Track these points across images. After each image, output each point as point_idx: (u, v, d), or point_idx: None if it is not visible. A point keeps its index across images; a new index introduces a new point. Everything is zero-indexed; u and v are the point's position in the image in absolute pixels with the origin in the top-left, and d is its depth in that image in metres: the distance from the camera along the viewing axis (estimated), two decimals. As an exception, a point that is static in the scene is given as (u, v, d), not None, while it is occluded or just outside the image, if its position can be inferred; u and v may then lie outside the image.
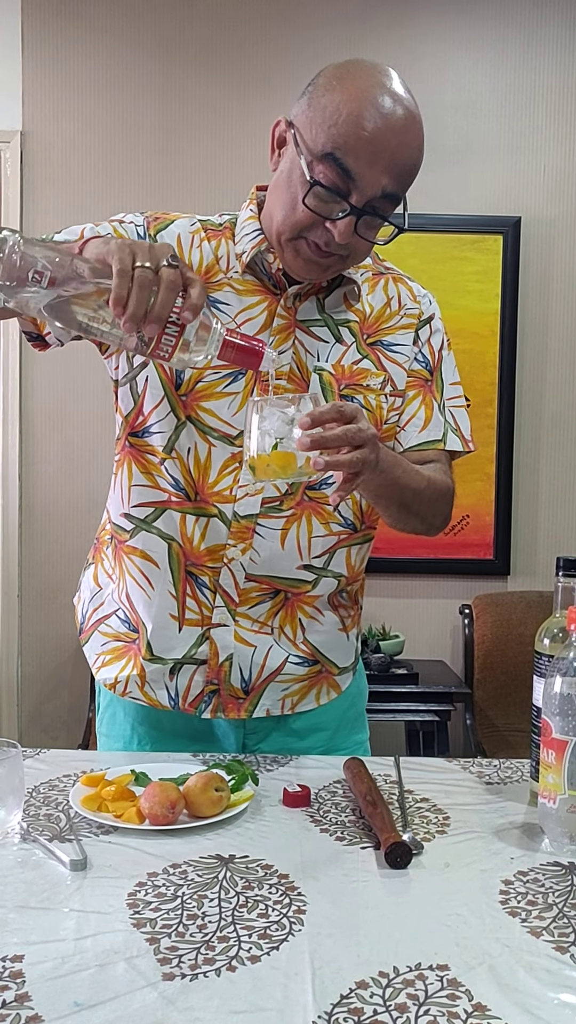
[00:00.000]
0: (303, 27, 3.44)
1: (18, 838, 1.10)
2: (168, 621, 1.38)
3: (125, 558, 1.41)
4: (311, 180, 1.21)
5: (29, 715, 3.59)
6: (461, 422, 1.47)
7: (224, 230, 1.38)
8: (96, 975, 0.82)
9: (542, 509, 3.58)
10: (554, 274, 3.54)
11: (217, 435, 1.33)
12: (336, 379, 1.36)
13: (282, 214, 1.26)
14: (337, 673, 1.46)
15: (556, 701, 1.08)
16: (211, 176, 3.43)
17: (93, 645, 1.49)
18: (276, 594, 1.38)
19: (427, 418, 1.43)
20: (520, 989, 0.82)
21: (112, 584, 1.46)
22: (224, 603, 1.37)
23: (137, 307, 1.03)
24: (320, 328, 1.36)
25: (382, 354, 1.40)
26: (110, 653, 1.45)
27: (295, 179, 1.24)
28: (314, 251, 1.26)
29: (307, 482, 1.34)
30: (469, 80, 3.50)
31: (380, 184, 1.21)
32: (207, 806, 1.14)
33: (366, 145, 1.19)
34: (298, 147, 1.23)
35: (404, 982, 0.82)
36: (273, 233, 1.29)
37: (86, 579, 1.53)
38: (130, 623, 1.42)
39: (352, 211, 1.21)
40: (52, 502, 3.53)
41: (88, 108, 3.49)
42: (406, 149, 1.22)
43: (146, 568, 1.39)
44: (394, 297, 1.43)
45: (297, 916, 0.93)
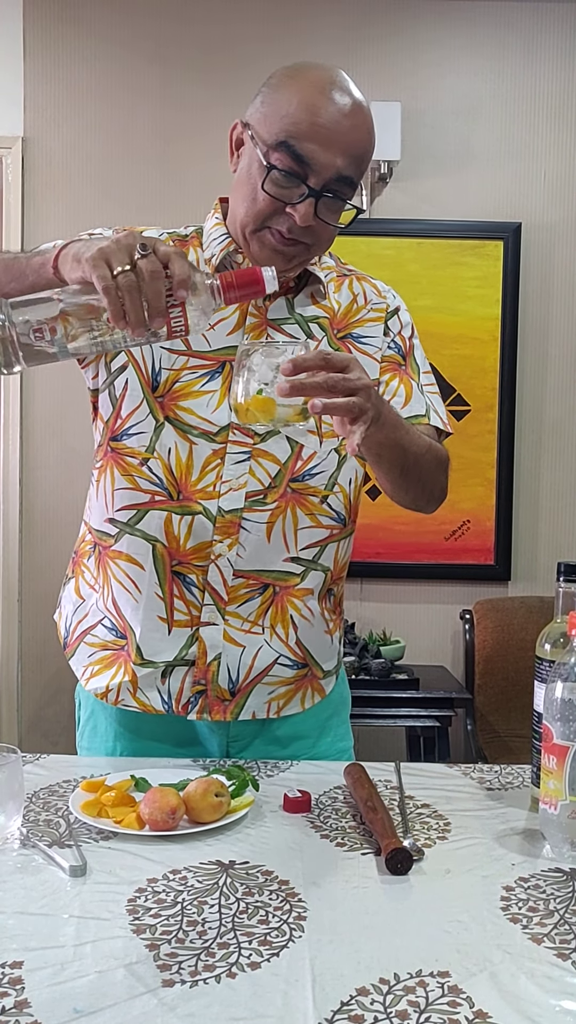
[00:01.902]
0: (303, 34, 3.44)
1: (18, 844, 1.10)
2: (157, 623, 1.38)
3: (110, 563, 1.41)
4: (268, 165, 1.26)
5: (29, 720, 3.58)
6: (437, 406, 1.48)
7: (191, 239, 1.42)
8: (96, 981, 0.82)
9: (543, 514, 3.58)
10: (554, 280, 3.54)
11: (197, 433, 1.34)
12: None
13: (244, 207, 1.31)
14: (322, 676, 1.47)
15: (557, 706, 1.07)
16: (211, 182, 3.43)
17: (80, 658, 1.48)
18: (265, 589, 1.38)
19: (408, 395, 1.44)
20: (521, 996, 0.81)
21: (95, 594, 1.45)
22: (213, 601, 1.36)
23: (136, 313, 1.03)
24: (291, 326, 1.39)
25: (352, 346, 1.42)
26: (98, 663, 1.45)
27: (254, 172, 1.29)
28: (278, 240, 1.30)
29: (289, 442, 1.34)
30: (469, 86, 3.50)
31: (335, 166, 1.26)
32: (207, 812, 1.14)
33: (318, 130, 1.25)
34: (254, 140, 1.29)
35: (405, 989, 0.82)
36: (238, 228, 1.33)
37: (67, 594, 1.53)
38: (117, 630, 1.42)
39: (311, 193, 1.26)
40: (52, 508, 3.53)
41: (89, 114, 3.49)
42: (356, 132, 1.27)
43: (132, 571, 1.38)
44: (360, 294, 1.46)
45: (297, 922, 0.93)
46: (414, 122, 3.45)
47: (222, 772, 1.26)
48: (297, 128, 1.25)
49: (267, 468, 1.36)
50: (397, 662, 3.29)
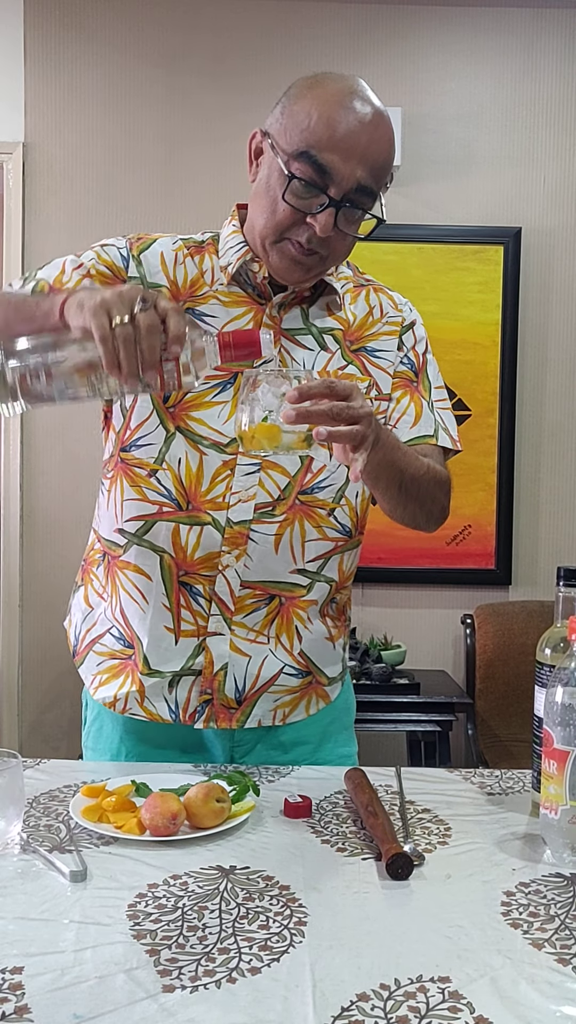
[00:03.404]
0: (306, 39, 3.45)
1: (18, 849, 1.10)
2: (163, 633, 1.38)
3: (119, 573, 1.42)
4: (289, 175, 1.26)
5: (30, 725, 3.58)
6: (448, 423, 1.49)
7: (207, 246, 1.42)
8: (96, 987, 0.82)
9: (543, 519, 3.58)
10: (554, 284, 3.55)
11: (208, 443, 1.34)
12: None
13: (264, 218, 1.31)
14: (327, 683, 1.47)
15: (557, 711, 1.07)
16: (214, 187, 3.44)
17: (88, 666, 1.48)
18: (271, 600, 1.38)
19: (417, 414, 1.45)
20: (522, 1002, 0.81)
21: (104, 603, 1.46)
22: (220, 611, 1.37)
23: (130, 364, 1.05)
24: (305, 336, 1.39)
25: (366, 360, 1.42)
26: (107, 672, 1.45)
27: (273, 182, 1.29)
28: (297, 251, 1.30)
29: (299, 457, 1.34)
30: (470, 92, 3.51)
31: (355, 177, 1.26)
32: (208, 817, 1.14)
33: (339, 141, 1.25)
34: (275, 151, 1.29)
35: (405, 994, 0.82)
36: (257, 239, 1.33)
37: (76, 602, 1.53)
38: (125, 639, 1.42)
39: (331, 203, 1.26)
40: (54, 513, 3.53)
41: (90, 119, 3.50)
42: (377, 144, 1.27)
43: (139, 582, 1.39)
44: (376, 306, 1.46)
45: (298, 928, 0.93)
46: (415, 127, 3.46)
47: (223, 777, 1.25)
48: (317, 138, 1.25)
49: (276, 480, 1.36)
50: (398, 667, 3.28)
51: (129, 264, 1.37)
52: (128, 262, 1.38)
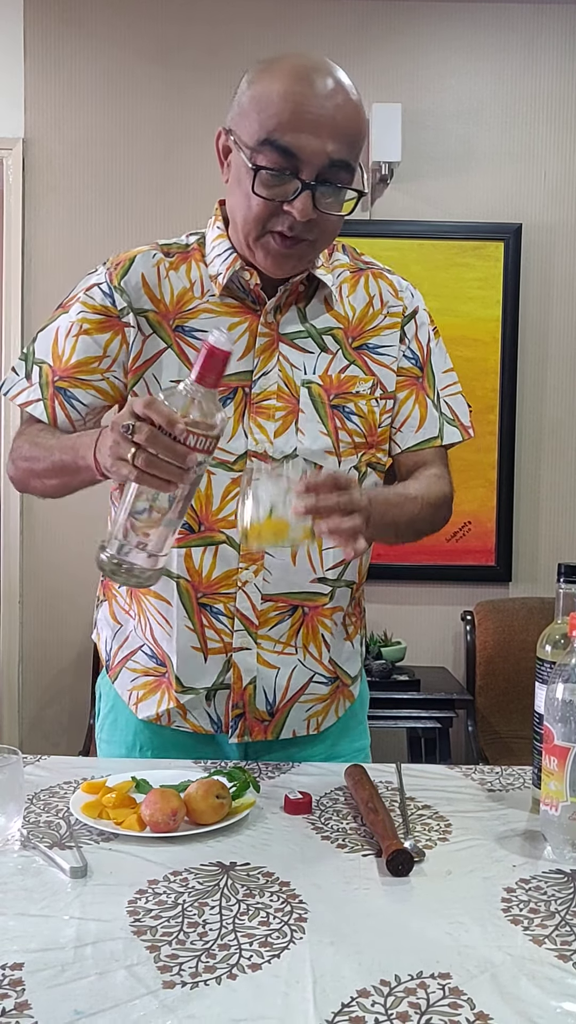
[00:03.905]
0: (305, 36, 3.44)
1: (18, 845, 1.10)
2: (192, 653, 1.37)
3: (141, 597, 1.40)
4: (254, 167, 1.21)
5: (30, 721, 3.58)
6: (458, 409, 1.47)
7: (193, 252, 1.37)
8: (96, 983, 0.82)
9: (543, 515, 3.58)
10: (555, 280, 3.54)
11: (215, 463, 1.32)
12: (325, 390, 1.35)
13: (241, 215, 1.27)
14: (350, 683, 1.47)
15: (558, 708, 1.07)
16: (213, 183, 3.43)
17: (123, 682, 1.46)
18: (294, 611, 1.37)
19: (422, 416, 1.43)
20: (522, 998, 0.81)
21: (132, 620, 1.44)
22: (244, 626, 1.36)
23: (170, 472, 1.05)
24: (304, 339, 1.36)
25: (368, 358, 1.39)
26: (143, 688, 1.43)
27: (243, 176, 1.25)
28: (281, 243, 1.26)
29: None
30: (470, 88, 3.50)
31: (326, 152, 1.20)
32: (208, 813, 1.14)
33: (300, 117, 1.19)
34: (237, 145, 1.25)
35: (406, 991, 0.82)
36: (240, 238, 1.30)
37: (102, 616, 1.51)
38: (156, 658, 1.41)
39: (304, 186, 1.21)
40: (54, 509, 3.51)
41: (90, 115, 3.49)
42: (343, 111, 1.21)
43: (160, 607, 1.38)
44: (375, 295, 1.41)
45: (298, 924, 0.93)
46: (415, 124, 3.46)
47: (223, 773, 1.25)
48: (278, 121, 1.20)
49: None
50: (398, 663, 3.28)
51: (114, 298, 1.34)
52: (112, 297, 1.34)
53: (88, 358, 1.35)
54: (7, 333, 3.48)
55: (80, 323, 1.34)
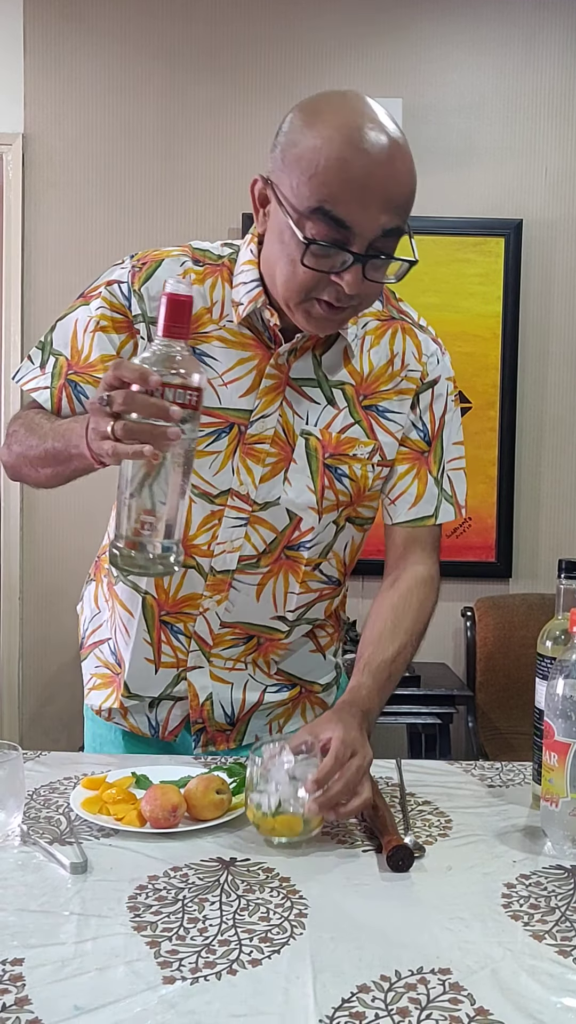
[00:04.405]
0: (306, 31, 3.44)
1: (18, 841, 1.10)
2: (144, 664, 1.38)
3: (114, 601, 1.43)
4: (305, 241, 1.12)
5: (30, 717, 3.58)
6: (457, 487, 1.42)
7: (222, 268, 1.30)
8: (96, 978, 0.82)
9: (544, 511, 3.58)
10: (555, 276, 3.54)
11: (198, 492, 1.30)
12: (323, 445, 1.31)
13: (283, 278, 1.18)
14: (320, 691, 1.47)
15: (558, 703, 1.07)
16: (213, 180, 3.43)
17: (88, 664, 1.51)
18: (249, 639, 1.38)
19: (419, 494, 1.38)
20: (523, 993, 0.81)
21: (107, 613, 1.47)
22: (199, 647, 1.37)
23: (157, 434, 0.97)
24: (313, 389, 1.30)
25: (375, 420, 1.33)
26: (100, 678, 1.47)
27: (287, 240, 1.15)
28: (326, 311, 1.18)
29: (288, 513, 1.32)
30: (471, 83, 3.50)
31: (378, 224, 1.12)
32: (208, 809, 1.14)
33: (354, 188, 1.10)
34: (282, 206, 1.15)
35: (406, 986, 0.82)
36: (280, 298, 1.22)
37: (88, 594, 1.53)
38: (116, 657, 1.44)
39: (356, 259, 1.13)
40: (54, 506, 3.53)
41: (90, 111, 3.49)
42: (396, 180, 1.12)
43: (123, 616, 1.40)
44: (399, 354, 1.34)
45: (298, 919, 0.93)
46: (416, 119, 3.45)
47: (223, 769, 1.25)
48: (329, 190, 1.10)
49: (263, 535, 1.32)
50: (398, 659, 3.27)
51: (131, 301, 1.28)
52: (130, 300, 1.28)
53: (104, 356, 1.30)
54: (7, 329, 3.48)
55: (99, 319, 1.29)
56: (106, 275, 1.33)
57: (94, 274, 1.38)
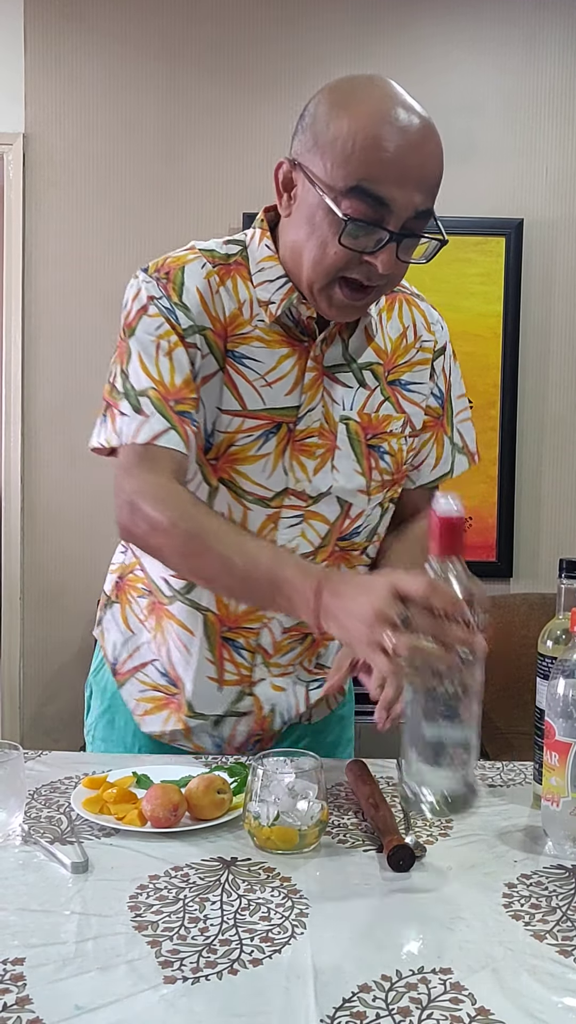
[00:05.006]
0: (307, 30, 3.43)
1: (19, 840, 1.10)
2: (207, 683, 1.36)
3: (165, 620, 1.38)
4: (344, 218, 1.12)
5: (31, 717, 3.58)
6: (467, 437, 1.46)
7: (236, 266, 1.28)
8: (97, 978, 0.82)
9: (545, 511, 3.58)
10: (556, 276, 3.54)
11: (252, 499, 1.29)
12: (362, 428, 1.32)
13: (312, 260, 1.18)
14: None
15: (559, 703, 1.07)
16: (215, 179, 3.43)
17: (130, 690, 1.44)
18: (305, 638, 1.37)
19: (438, 456, 1.42)
20: (524, 993, 0.81)
21: (147, 634, 1.41)
22: (262, 660, 1.36)
23: (446, 657, 0.95)
24: (345, 373, 1.31)
25: (400, 394, 1.36)
26: (150, 702, 1.42)
27: (319, 220, 1.16)
28: (350, 292, 1.19)
29: (339, 502, 1.32)
30: (472, 82, 3.49)
31: (413, 204, 1.14)
32: (209, 808, 1.14)
33: (392, 167, 1.12)
34: (315, 186, 1.15)
35: (407, 986, 0.82)
36: (304, 283, 1.22)
37: (113, 617, 1.46)
38: (169, 678, 1.40)
39: (392, 237, 1.14)
40: (54, 504, 3.53)
41: (91, 111, 3.49)
42: (431, 160, 1.16)
43: (183, 635, 1.36)
44: (410, 327, 1.37)
45: (299, 919, 0.93)
46: (416, 118, 3.45)
47: (224, 769, 1.25)
48: (368, 168, 1.11)
49: (317, 529, 1.32)
50: (399, 659, 3.28)
51: (177, 315, 1.24)
52: (175, 314, 1.24)
53: (187, 375, 1.24)
54: (7, 329, 3.47)
55: (164, 337, 1.24)
56: (132, 296, 1.28)
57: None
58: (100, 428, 1.28)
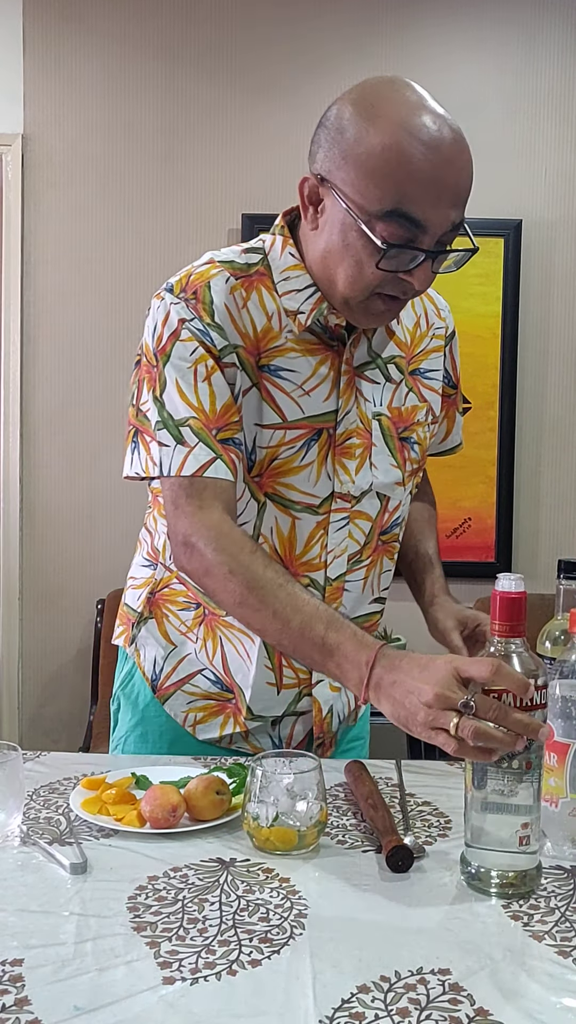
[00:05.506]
0: (307, 30, 3.44)
1: (18, 841, 1.10)
2: (266, 687, 1.36)
3: (222, 630, 1.36)
4: (383, 246, 1.12)
5: (30, 718, 3.58)
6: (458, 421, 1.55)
7: (258, 276, 1.26)
8: (96, 979, 0.82)
9: (543, 512, 3.58)
10: (555, 277, 3.54)
11: (301, 507, 1.29)
12: (393, 422, 1.35)
13: (348, 278, 1.18)
14: None
15: (558, 704, 1.07)
16: (214, 180, 3.43)
17: (177, 703, 1.41)
18: None
19: (448, 430, 1.50)
20: (522, 994, 0.81)
21: (192, 644, 1.39)
22: None
23: (505, 737, 0.95)
24: (372, 371, 1.33)
25: (421, 384, 1.39)
26: (202, 711, 1.41)
27: (353, 242, 1.15)
28: (387, 306, 1.21)
29: (379, 496, 1.36)
30: (472, 83, 3.50)
31: (449, 220, 1.14)
32: (208, 809, 1.14)
33: (428, 188, 1.11)
34: (348, 209, 1.14)
35: (406, 986, 0.82)
36: (339, 296, 1.21)
37: (148, 633, 1.42)
38: (223, 684, 1.38)
39: (427, 255, 1.14)
40: (53, 505, 3.53)
41: (90, 111, 3.49)
42: (464, 173, 1.14)
43: (243, 641, 1.35)
44: (422, 315, 1.41)
45: (298, 920, 0.93)
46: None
47: (223, 770, 1.25)
48: (403, 191, 1.10)
49: (363, 527, 1.34)
50: (398, 660, 3.28)
51: (211, 336, 1.22)
52: (210, 335, 1.22)
53: (228, 399, 1.23)
54: (7, 329, 3.47)
55: (201, 362, 1.22)
56: (162, 320, 1.24)
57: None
58: (132, 456, 1.27)
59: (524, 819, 0.99)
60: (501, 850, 0.99)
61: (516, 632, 1.00)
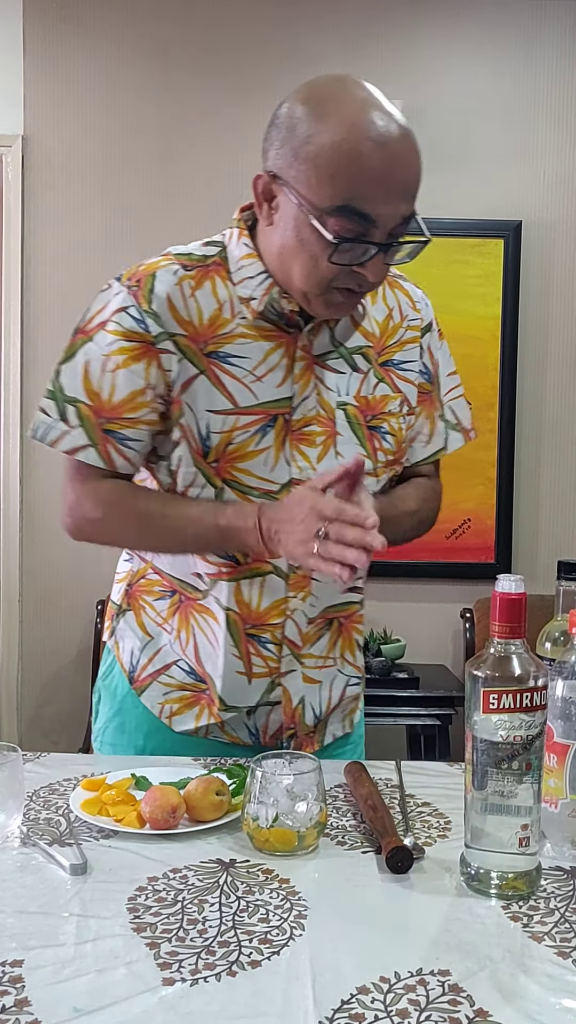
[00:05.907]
0: (304, 31, 3.44)
1: (18, 842, 1.10)
2: (236, 676, 1.36)
3: (195, 615, 1.37)
4: (334, 241, 1.14)
5: (29, 719, 3.58)
6: (460, 413, 1.49)
7: (214, 267, 1.29)
8: (96, 980, 0.82)
9: (543, 512, 3.58)
10: (555, 278, 3.54)
11: (258, 493, 1.29)
12: (361, 411, 1.34)
13: (303, 273, 1.21)
14: None
15: (558, 705, 1.07)
16: (212, 180, 3.43)
17: (153, 695, 1.42)
18: (331, 623, 1.38)
19: (431, 432, 1.45)
20: (521, 994, 0.81)
21: (167, 635, 1.40)
22: (290, 651, 1.36)
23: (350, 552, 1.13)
24: (336, 360, 1.33)
25: (394, 375, 1.38)
26: (177, 702, 1.41)
27: (306, 237, 1.18)
28: (347, 297, 1.23)
29: None
30: (470, 84, 3.50)
31: (399, 213, 1.16)
32: (208, 810, 1.14)
33: (377, 184, 1.13)
34: (300, 205, 1.17)
35: (405, 987, 0.82)
36: (297, 290, 1.24)
37: (127, 625, 1.45)
38: (196, 675, 1.39)
39: (379, 248, 1.17)
40: (53, 507, 3.49)
41: (89, 113, 3.49)
42: (412, 168, 1.17)
43: (207, 631, 1.36)
44: (395, 307, 1.40)
45: (298, 921, 0.93)
46: (414, 120, 3.39)
47: (222, 770, 1.25)
48: (353, 188, 1.13)
49: None
50: (397, 661, 3.28)
51: (147, 323, 1.25)
52: (144, 323, 1.25)
53: (132, 393, 1.26)
54: (7, 330, 3.48)
55: (117, 354, 1.26)
56: (101, 306, 1.29)
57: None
58: (37, 419, 1.32)
59: (524, 820, 0.99)
60: (501, 851, 0.99)
61: (516, 633, 1.01)
